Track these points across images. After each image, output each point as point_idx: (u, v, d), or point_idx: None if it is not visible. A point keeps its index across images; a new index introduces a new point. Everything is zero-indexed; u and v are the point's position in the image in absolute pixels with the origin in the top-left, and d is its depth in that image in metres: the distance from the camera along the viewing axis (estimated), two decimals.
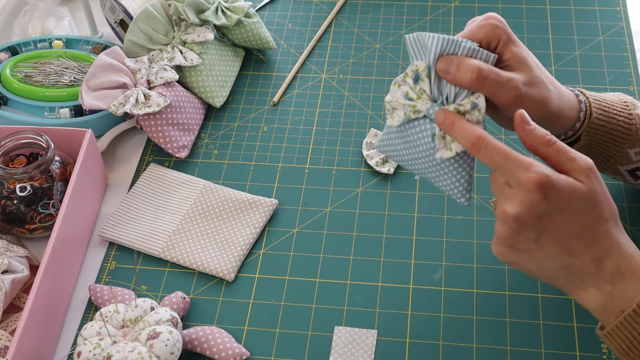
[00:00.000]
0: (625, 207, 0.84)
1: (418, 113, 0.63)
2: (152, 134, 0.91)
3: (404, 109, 0.64)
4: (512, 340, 0.75)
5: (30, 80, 0.96)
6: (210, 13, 0.99)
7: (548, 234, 0.58)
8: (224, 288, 0.81)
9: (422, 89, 0.62)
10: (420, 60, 0.62)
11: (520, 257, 0.60)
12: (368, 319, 0.77)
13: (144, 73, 0.94)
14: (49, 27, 1.07)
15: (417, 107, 0.63)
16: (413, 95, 0.63)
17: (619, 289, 0.58)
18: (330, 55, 1.05)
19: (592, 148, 0.72)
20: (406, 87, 0.63)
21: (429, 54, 0.61)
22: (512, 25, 1.05)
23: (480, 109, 0.60)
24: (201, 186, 0.89)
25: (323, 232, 0.85)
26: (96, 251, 0.86)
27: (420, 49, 0.62)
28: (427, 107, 0.62)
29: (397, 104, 0.64)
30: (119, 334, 0.72)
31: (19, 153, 0.86)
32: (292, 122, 0.97)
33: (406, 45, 0.63)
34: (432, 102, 0.62)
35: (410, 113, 0.63)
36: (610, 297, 0.58)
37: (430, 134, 0.63)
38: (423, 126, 0.63)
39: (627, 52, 1.00)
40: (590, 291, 0.59)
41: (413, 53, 0.63)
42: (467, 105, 0.61)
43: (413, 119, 0.64)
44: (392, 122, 0.65)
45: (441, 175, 0.65)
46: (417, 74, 0.62)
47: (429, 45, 0.60)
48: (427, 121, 0.63)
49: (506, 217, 0.58)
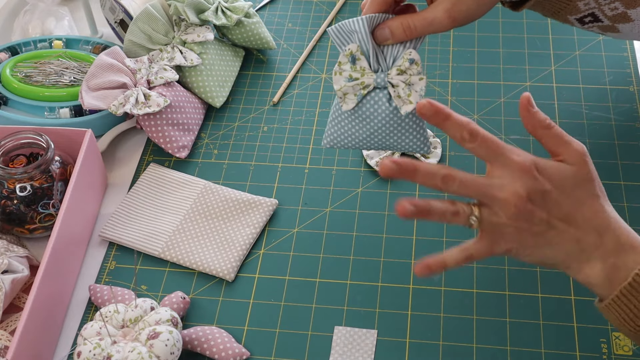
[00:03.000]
0: (625, 207, 0.84)
1: (367, 87, 0.70)
2: (152, 134, 0.91)
3: (354, 89, 0.71)
4: (512, 340, 0.75)
5: (30, 80, 0.96)
6: (210, 13, 0.99)
7: (555, 210, 0.60)
8: (224, 288, 0.81)
9: (362, 67, 0.70)
10: (351, 43, 0.69)
11: (536, 241, 0.61)
12: (368, 319, 0.77)
13: (144, 73, 0.94)
14: (49, 27, 1.07)
15: (365, 82, 0.70)
16: (357, 75, 0.70)
17: (622, 260, 0.59)
18: (330, 55, 1.05)
19: (545, 2, 0.78)
20: (347, 72, 0.70)
21: (360, 34, 0.68)
22: (512, 25, 1.05)
23: (417, 62, 0.69)
24: (201, 186, 0.89)
25: (323, 232, 0.85)
26: (96, 251, 0.86)
27: (345, 36, 0.69)
28: (374, 78, 0.70)
29: (346, 89, 0.71)
30: (119, 334, 0.72)
31: (19, 153, 0.86)
32: (292, 122, 0.97)
33: (331, 37, 0.70)
34: (375, 73, 0.70)
35: (360, 90, 0.70)
36: (614, 268, 0.59)
37: (385, 100, 0.70)
38: (376, 97, 0.71)
39: (627, 52, 1.00)
40: (596, 266, 0.60)
41: (339, 41, 0.69)
42: (406, 63, 0.68)
43: (365, 94, 0.71)
44: (347, 106, 0.71)
45: (403, 134, 0.73)
46: (352, 56, 0.69)
47: (357, 27, 0.67)
48: (377, 91, 0.70)
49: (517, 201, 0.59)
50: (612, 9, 0.78)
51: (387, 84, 0.70)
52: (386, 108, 0.71)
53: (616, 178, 0.86)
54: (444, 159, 0.90)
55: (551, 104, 0.95)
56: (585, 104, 0.95)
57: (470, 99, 0.97)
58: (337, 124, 0.75)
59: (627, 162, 0.88)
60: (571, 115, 0.94)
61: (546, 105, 0.95)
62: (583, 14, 0.80)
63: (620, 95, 0.95)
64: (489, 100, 0.96)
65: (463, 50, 1.03)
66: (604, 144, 0.90)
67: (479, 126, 0.60)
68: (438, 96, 0.97)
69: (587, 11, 0.79)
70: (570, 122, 0.93)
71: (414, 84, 0.69)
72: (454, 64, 1.01)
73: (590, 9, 0.78)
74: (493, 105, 0.96)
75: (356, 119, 0.73)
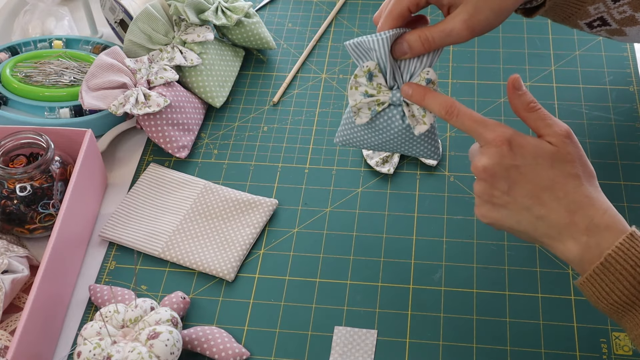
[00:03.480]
0: (625, 207, 0.84)
1: (382, 104, 0.70)
2: (152, 134, 0.91)
3: (369, 105, 0.71)
4: (512, 340, 0.75)
5: (30, 80, 0.96)
6: (210, 13, 0.99)
7: (518, 185, 0.63)
8: (224, 288, 0.81)
9: (379, 84, 0.70)
10: (368, 60, 0.69)
11: (499, 212, 0.65)
12: (368, 319, 0.77)
13: (144, 73, 0.94)
14: (49, 27, 1.07)
15: (381, 100, 0.70)
16: (373, 92, 0.70)
17: (594, 240, 0.61)
18: (330, 55, 1.05)
19: (557, 8, 0.79)
20: (363, 87, 0.70)
21: (378, 52, 0.67)
22: (512, 25, 1.05)
23: (434, 81, 0.68)
24: (201, 186, 0.89)
25: (323, 232, 0.85)
26: (96, 251, 0.86)
27: (363, 52, 0.69)
28: (390, 96, 0.70)
29: (361, 104, 0.71)
30: (119, 334, 0.72)
31: (19, 153, 0.86)
32: (292, 122, 0.97)
33: (348, 51, 0.70)
34: (391, 91, 0.70)
35: (375, 107, 0.71)
36: (587, 247, 0.61)
37: (399, 117, 0.71)
38: (390, 113, 0.71)
39: (627, 52, 1.00)
40: (567, 243, 0.62)
41: (357, 56, 0.70)
42: (423, 82, 0.68)
43: (379, 111, 0.71)
44: (361, 120, 0.72)
45: (415, 146, 0.73)
46: (370, 73, 0.69)
47: (376, 46, 0.67)
48: (392, 108, 0.71)
49: (478, 171, 0.64)
50: (620, 12, 0.79)
51: (402, 102, 0.70)
52: (399, 124, 0.71)
53: (616, 178, 0.86)
54: (444, 158, 0.90)
55: (551, 104, 0.95)
56: (585, 104, 0.95)
57: (470, 99, 0.97)
58: (350, 129, 0.75)
59: (627, 162, 0.88)
60: (571, 115, 0.94)
61: (546, 105, 0.94)
62: (592, 18, 0.81)
63: (620, 95, 0.95)
64: (489, 100, 0.96)
65: (463, 50, 1.03)
66: (604, 144, 0.90)
67: (459, 103, 0.65)
68: None
69: (597, 15, 0.80)
70: (570, 122, 0.92)
71: None
72: (454, 64, 1.01)
73: (600, 12, 0.79)
74: (493, 105, 0.96)
75: (369, 130, 0.73)
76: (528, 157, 0.62)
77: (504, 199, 0.64)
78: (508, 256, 0.81)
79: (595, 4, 0.79)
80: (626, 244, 0.59)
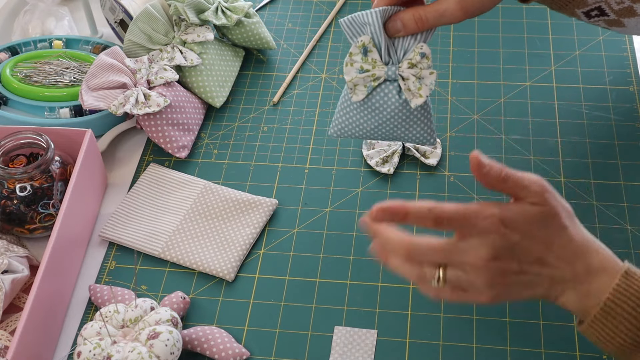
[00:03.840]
0: (625, 207, 0.84)
1: (378, 79, 0.71)
2: (152, 134, 0.91)
3: (364, 81, 0.72)
4: (512, 340, 0.75)
5: (30, 80, 0.96)
6: (210, 13, 0.99)
7: (526, 258, 0.61)
8: (224, 288, 0.81)
9: (374, 59, 0.71)
10: (363, 35, 0.70)
11: (512, 289, 0.62)
12: (368, 319, 0.77)
13: (144, 73, 0.94)
14: (49, 27, 1.07)
15: (376, 75, 0.71)
16: (368, 67, 0.71)
17: (593, 286, 0.60)
18: (330, 55, 1.05)
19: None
20: (358, 63, 0.71)
21: (372, 26, 0.68)
22: (512, 25, 1.05)
23: (428, 56, 0.69)
24: (201, 186, 0.89)
25: (323, 232, 0.85)
26: (96, 251, 0.86)
27: (357, 28, 0.70)
28: (385, 71, 0.71)
29: (356, 80, 0.71)
30: (119, 334, 0.72)
31: (19, 153, 0.86)
32: (292, 122, 0.97)
33: (342, 28, 0.70)
34: (386, 66, 0.71)
35: (370, 82, 0.72)
36: (587, 295, 0.60)
37: (395, 93, 0.72)
38: (387, 89, 0.72)
39: (627, 52, 1.00)
40: (570, 295, 0.61)
41: (351, 33, 0.71)
42: (417, 56, 0.69)
43: (375, 86, 0.72)
44: (357, 97, 0.73)
45: (411, 126, 0.74)
46: (364, 48, 0.70)
47: (369, 20, 0.68)
48: (387, 84, 0.72)
49: (483, 262, 0.60)
50: (618, 2, 0.78)
51: (397, 77, 0.71)
52: (396, 100, 0.72)
53: (616, 178, 0.86)
54: (444, 158, 0.90)
55: (551, 104, 0.95)
56: (585, 104, 0.95)
57: (470, 99, 0.97)
58: (346, 114, 0.76)
59: (627, 162, 0.88)
60: (571, 115, 0.94)
61: (546, 105, 0.95)
62: (590, 7, 0.80)
63: (620, 95, 0.95)
64: (489, 100, 0.96)
65: (463, 50, 1.03)
66: (604, 144, 0.90)
67: (439, 204, 0.60)
68: (438, 96, 0.97)
69: (594, 4, 0.80)
70: (570, 122, 0.93)
71: (424, 78, 0.70)
72: (454, 64, 1.01)
73: (597, 2, 0.79)
74: (493, 105, 0.96)
75: (365, 109, 0.74)
76: (522, 228, 0.60)
77: (515, 278, 0.61)
78: None
79: None
80: (623, 285, 0.59)
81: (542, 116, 0.94)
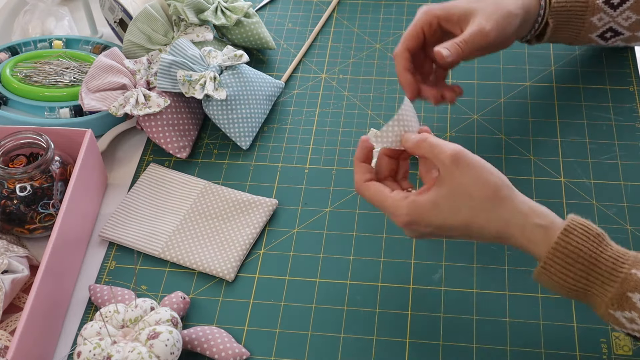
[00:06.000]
0: (625, 207, 0.84)
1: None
2: (152, 135, 0.91)
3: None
4: (512, 340, 0.75)
5: (30, 80, 0.96)
6: (209, 13, 0.99)
7: (446, 234, 0.69)
8: (224, 288, 0.81)
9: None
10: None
11: (433, 235, 0.71)
12: (368, 319, 0.77)
13: (144, 74, 0.94)
14: (49, 27, 1.07)
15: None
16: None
17: (537, 237, 0.66)
18: (330, 55, 1.05)
19: (561, 26, 0.87)
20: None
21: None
22: None
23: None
24: (201, 186, 0.89)
25: (323, 232, 0.85)
26: (96, 251, 0.86)
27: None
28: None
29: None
30: (119, 334, 0.72)
31: (19, 153, 0.86)
32: (292, 122, 0.97)
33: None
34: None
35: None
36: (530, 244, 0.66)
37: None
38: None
39: (627, 52, 1.00)
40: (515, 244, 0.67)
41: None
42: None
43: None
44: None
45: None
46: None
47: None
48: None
49: (409, 234, 0.71)
50: (625, 18, 0.83)
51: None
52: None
53: (616, 178, 0.86)
54: None
55: (551, 104, 0.95)
56: (585, 104, 0.95)
57: (470, 99, 0.97)
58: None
59: (627, 162, 0.88)
60: (571, 115, 0.94)
61: (546, 105, 0.95)
62: (602, 29, 0.86)
63: (620, 95, 0.95)
64: (489, 100, 0.96)
65: None
66: (604, 144, 0.90)
67: (369, 188, 0.72)
68: None
69: (605, 26, 0.84)
70: (570, 122, 0.93)
71: None
72: None
73: (606, 23, 0.83)
74: (493, 105, 0.96)
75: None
76: (432, 222, 0.68)
77: (431, 232, 0.69)
78: (508, 256, 0.81)
79: (596, 14, 0.82)
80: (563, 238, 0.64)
81: (542, 116, 0.94)
